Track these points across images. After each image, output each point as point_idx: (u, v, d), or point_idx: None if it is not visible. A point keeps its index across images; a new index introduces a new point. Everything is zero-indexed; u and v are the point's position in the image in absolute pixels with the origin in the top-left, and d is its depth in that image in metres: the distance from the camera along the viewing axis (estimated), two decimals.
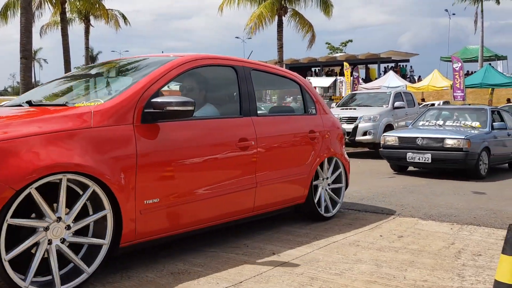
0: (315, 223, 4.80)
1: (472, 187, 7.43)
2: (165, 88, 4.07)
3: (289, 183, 4.47)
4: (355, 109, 12.81)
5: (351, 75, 26.00)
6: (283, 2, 18.26)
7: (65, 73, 14.99)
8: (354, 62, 38.18)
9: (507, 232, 2.25)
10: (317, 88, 35.91)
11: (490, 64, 30.02)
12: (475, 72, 30.32)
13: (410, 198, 6.31)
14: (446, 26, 78.56)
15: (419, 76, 39.46)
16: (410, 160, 8.70)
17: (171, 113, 3.27)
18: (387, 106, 12.68)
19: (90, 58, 23.42)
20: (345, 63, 28.49)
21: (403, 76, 37.44)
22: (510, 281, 2.23)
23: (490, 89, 26.10)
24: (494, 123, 9.34)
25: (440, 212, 5.45)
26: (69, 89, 4.06)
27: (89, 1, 19.46)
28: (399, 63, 43.90)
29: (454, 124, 9.63)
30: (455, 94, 21.47)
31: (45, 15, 27.58)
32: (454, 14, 50.43)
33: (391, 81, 27.79)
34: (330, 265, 3.50)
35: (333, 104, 24.06)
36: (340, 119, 12.35)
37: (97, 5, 20.16)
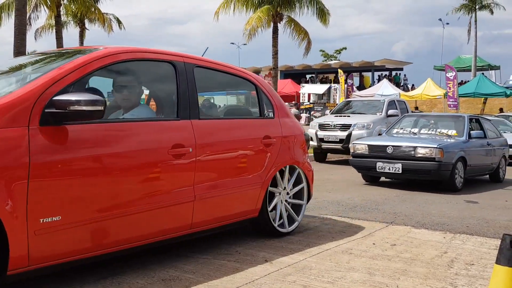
0: (308, 231, 4.77)
1: (465, 197, 7.44)
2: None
3: (237, 195, 3.99)
4: (349, 116, 12.82)
5: (345, 82, 26.08)
6: (278, 9, 18.33)
7: None
8: (348, 70, 38.30)
9: (501, 242, 2.24)
10: (311, 95, 36.09)
11: (483, 73, 30.28)
12: (468, 81, 30.56)
13: (402, 207, 6.31)
14: (440, 36, 79.33)
15: (413, 85, 39.62)
16: (380, 170, 8.12)
17: (75, 113, 2.77)
18: (381, 114, 12.71)
19: None
20: (339, 70, 28.60)
21: (397, 85, 37.58)
22: None
23: (483, 98, 26.29)
24: (472, 132, 8.75)
25: (433, 220, 5.44)
26: None
27: (85, 5, 19.45)
28: (392, 72, 44.11)
29: (429, 132, 9.04)
30: (448, 102, 21.60)
31: (41, 18, 27.54)
32: (448, 23, 50.91)
33: (384, 89, 27.88)
34: (322, 273, 3.47)
35: (327, 111, 24.13)
36: (334, 126, 12.37)
37: (93, 9, 20.16)
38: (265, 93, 4.56)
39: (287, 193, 4.58)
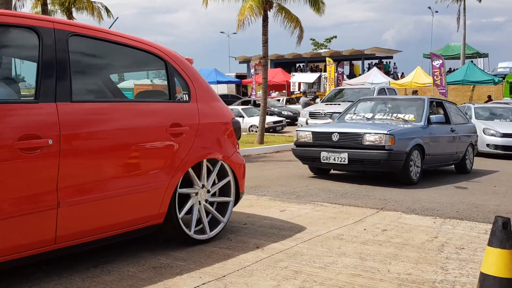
0: (299, 217, 4.77)
1: (454, 183, 7.49)
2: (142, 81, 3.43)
3: (128, 199, 3.20)
4: (340, 104, 12.86)
5: (336, 71, 26.07)
6: None
7: None
8: (339, 58, 38.28)
9: (493, 224, 2.25)
10: (302, 84, 36.08)
11: (472, 61, 30.41)
12: (457, 69, 30.71)
13: (393, 193, 6.33)
14: (429, 24, 79.60)
15: (402, 73, 39.77)
16: (325, 161, 7.14)
17: None
18: None
19: None
20: (327, 59, 28.54)
21: (387, 73, 37.70)
22: (496, 273, 2.23)
23: (472, 86, 26.45)
24: (431, 116, 7.74)
25: (423, 206, 5.47)
26: None
27: None
28: (382, 60, 44.21)
29: (385, 117, 8.04)
30: (439, 90, 21.70)
31: (27, 6, 27.09)
32: (437, 11, 50.92)
33: (374, 77, 27.95)
34: (314, 258, 3.47)
35: (318, 100, 24.14)
36: (325, 114, 12.39)
37: None
38: (178, 70, 3.71)
39: (208, 191, 3.87)
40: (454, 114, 8.79)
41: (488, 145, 11.67)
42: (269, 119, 16.86)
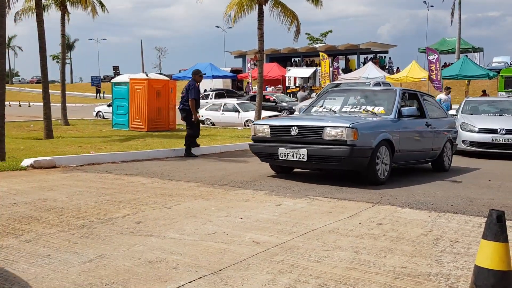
0: (295, 211, 4.78)
1: (449, 177, 7.52)
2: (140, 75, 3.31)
3: None
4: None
5: (331, 65, 26.06)
6: None
7: (41, 60, 14.61)
8: (334, 53, 38.29)
9: (488, 217, 2.26)
10: (297, 78, 36.07)
11: (467, 56, 30.47)
12: (452, 63, 30.75)
13: (388, 187, 6.35)
14: (425, 18, 79.66)
15: (398, 68, 39.81)
16: (283, 158, 6.45)
17: None
18: None
19: (67, 45, 22.87)
20: (321, 53, 28.50)
21: (382, 67, 37.73)
22: (490, 266, 2.25)
23: (467, 80, 26.52)
24: (403, 109, 7.11)
25: (418, 200, 5.50)
26: None
27: None
28: (378, 54, 44.23)
29: (353, 110, 7.41)
30: (433, 84, 21.75)
31: (20, 0, 26.86)
32: (432, 6, 50.75)
33: (370, 71, 27.99)
34: (309, 252, 3.48)
35: (313, 94, 24.10)
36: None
37: None
38: None
39: None
40: (431, 107, 8.15)
41: (464, 141, 10.52)
42: (265, 113, 16.84)
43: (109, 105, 21.77)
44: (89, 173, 7.03)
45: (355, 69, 37.23)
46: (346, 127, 6.12)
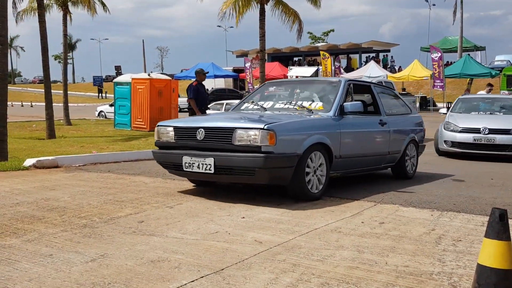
0: (297, 210, 4.78)
1: (452, 176, 7.51)
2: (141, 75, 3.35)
3: None
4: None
5: (333, 64, 26.04)
6: None
7: (43, 60, 14.64)
8: (336, 52, 38.28)
9: (490, 215, 2.26)
10: (299, 77, 36.05)
11: (469, 54, 30.44)
12: (454, 62, 30.72)
13: (390, 186, 6.35)
14: (427, 17, 79.62)
15: (400, 66, 39.78)
16: (188, 169, 5.10)
17: None
18: None
19: (69, 45, 22.93)
20: (321, 52, 28.48)
21: (384, 66, 37.72)
22: (493, 264, 2.25)
23: (469, 79, 26.48)
24: (345, 104, 5.78)
25: (421, 199, 5.49)
26: None
27: None
28: (380, 53, 44.19)
29: (286, 106, 6.09)
30: (435, 83, 21.71)
31: (24, 0, 26.91)
32: (434, 5, 50.92)
33: (372, 70, 27.97)
34: (312, 251, 3.48)
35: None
36: None
37: None
38: None
39: None
40: (389, 101, 7.03)
41: (445, 141, 9.93)
42: None
43: (111, 105, 21.83)
44: (92, 173, 7.04)
45: (357, 68, 37.20)
46: (260, 128, 4.80)
